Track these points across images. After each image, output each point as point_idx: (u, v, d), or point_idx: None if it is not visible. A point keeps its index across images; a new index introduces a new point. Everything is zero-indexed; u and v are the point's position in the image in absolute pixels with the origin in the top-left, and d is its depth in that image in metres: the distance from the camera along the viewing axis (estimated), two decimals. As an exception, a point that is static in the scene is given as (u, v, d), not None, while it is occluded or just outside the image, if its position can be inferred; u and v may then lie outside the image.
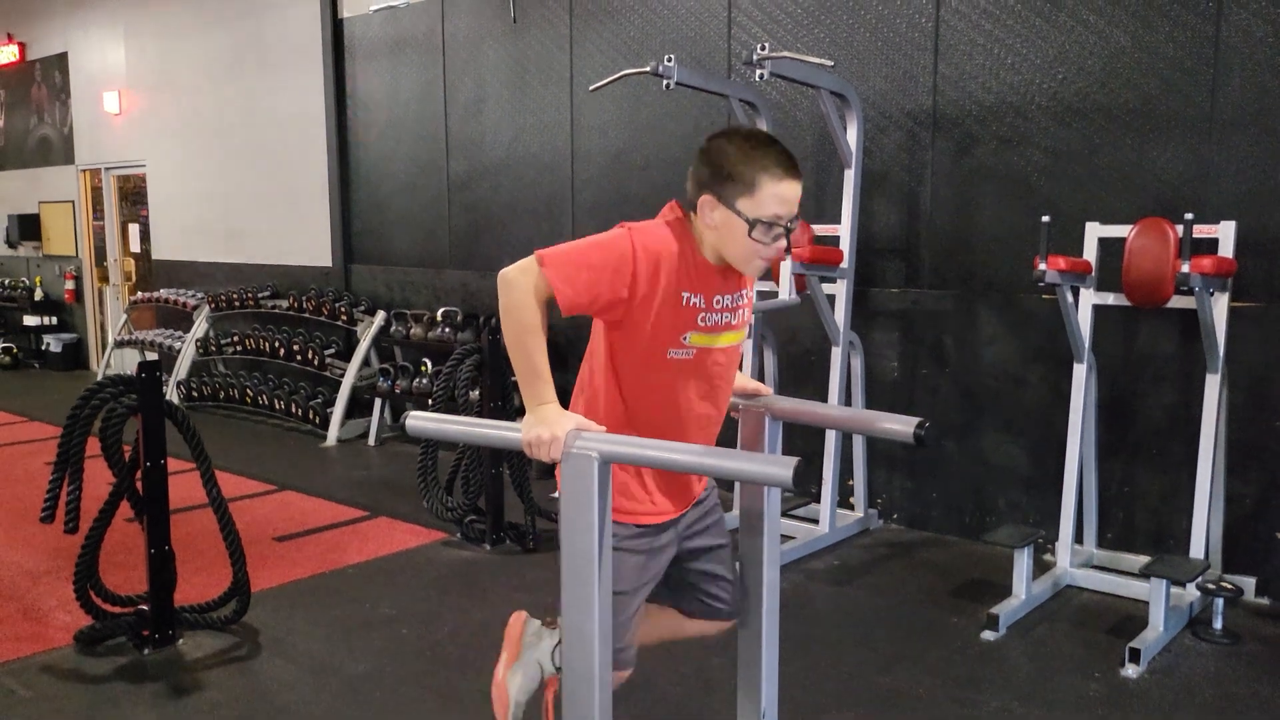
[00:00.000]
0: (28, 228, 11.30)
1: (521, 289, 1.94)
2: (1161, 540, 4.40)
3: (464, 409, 5.13)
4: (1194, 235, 3.81)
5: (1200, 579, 3.85)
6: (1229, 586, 3.83)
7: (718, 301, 2.08)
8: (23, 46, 11.12)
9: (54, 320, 11.11)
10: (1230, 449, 4.14)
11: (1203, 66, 4.18)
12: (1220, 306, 3.98)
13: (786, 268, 4.66)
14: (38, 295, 11.12)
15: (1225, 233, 3.97)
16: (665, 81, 4.41)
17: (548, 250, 1.96)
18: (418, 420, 2.07)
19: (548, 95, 6.52)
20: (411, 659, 3.64)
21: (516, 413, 5.17)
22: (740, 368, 2.30)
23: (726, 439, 2.18)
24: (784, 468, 1.65)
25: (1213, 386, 4.01)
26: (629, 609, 2.15)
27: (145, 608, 3.72)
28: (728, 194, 1.99)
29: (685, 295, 2.03)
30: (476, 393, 5.16)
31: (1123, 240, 4.04)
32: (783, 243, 2.04)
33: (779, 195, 1.99)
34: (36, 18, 10.85)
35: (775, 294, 4.89)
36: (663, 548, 2.23)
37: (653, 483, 2.17)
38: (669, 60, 4.38)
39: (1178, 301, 3.97)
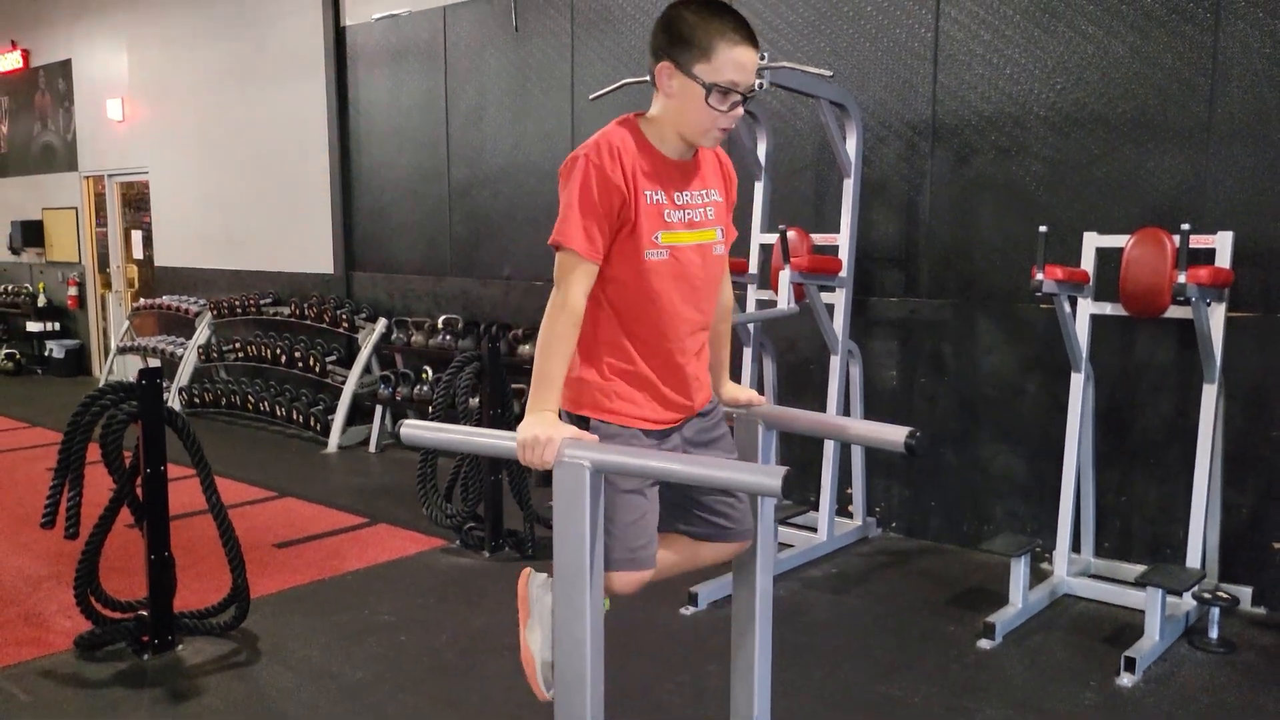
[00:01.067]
0: (31, 234, 11.34)
1: (556, 300, 2.04)
2: (1158, 549, 4.41)
3: (464, 416, 5.15)
4: (1191, 245, 3.82)
5: (1196, 588, 3.85)
6: (1225, 596, 3.84)
7: (679, 198, 2.12)
8: (26, 53, 11.17)
9: (57, 326, 11.14)
10: (1227, 459, 4.15)
11: (1200, 77, 4.19)
12: (1217, 317, 3.99)
13: (785, 277, 4.68)
14: (41, 301, 11.15)
15: (1222, 243, 3.98)
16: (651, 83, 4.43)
17: (555, 234, 2.05)
18: (412, 429, 2.08)
19: (549, 103, 6.55)
20: (410, 665, 3.65)
21: (516, 420, 5.17)
22: (738, 377, 2.32)
23: (720, 448, 2.19)
24: (774, 477, 1.67)
25: (1209, 396, 4.02)
26: (640, 507, 2.14)
27: (145, 613, 3.74)
28: (684, 60, 2.02)
29: (647, 193, 2.07)
30: (476, 400, 5.17)
31: (1120, 250, 4.06)
32: (739, 111, 2.07)
33: (735, 60, 2.01)
34: (40, 25, 10.90)
35: (774, 303, 4.91)
36: (670, 451, 2.22)
37: (651, 389, 2.17)
38: (668, 70, 4.39)
39: (1175, 311, 3.98)
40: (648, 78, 4.46)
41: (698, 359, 2.24)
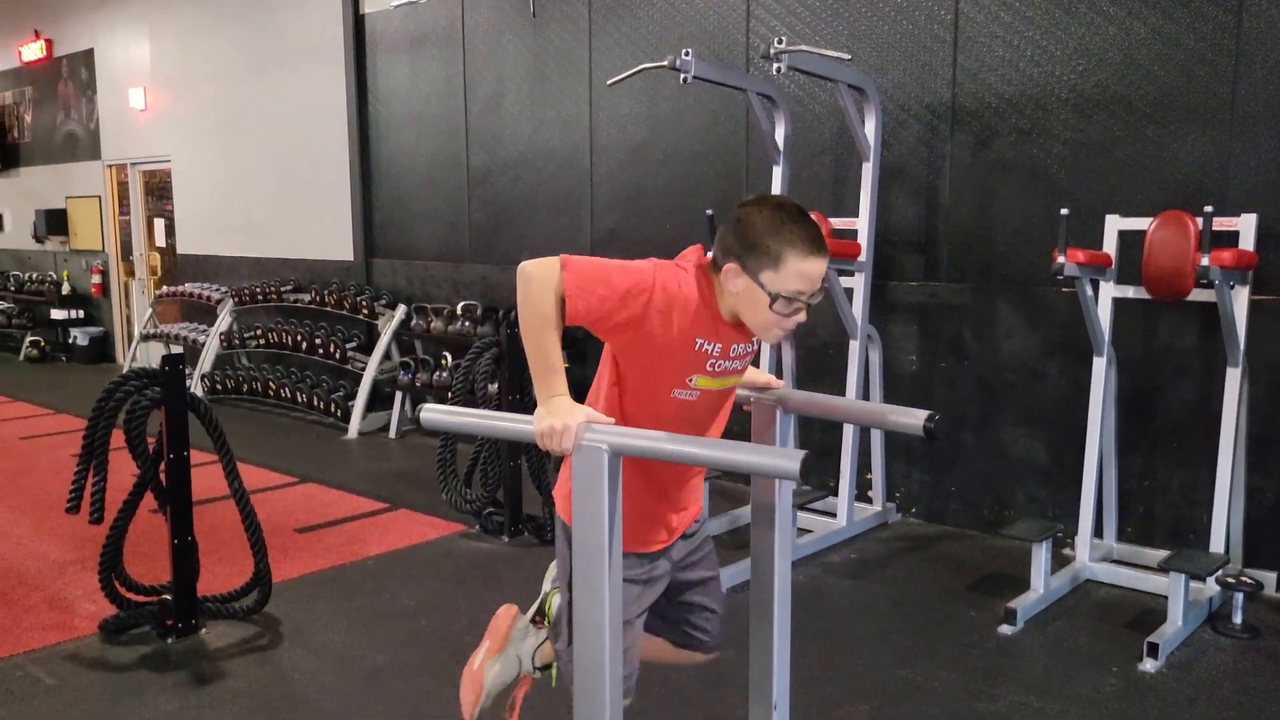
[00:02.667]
0: (55, 223, 11.44)
1: (541, 284, 1.95)
2: (1181, 534, 4.38)
3: (483, 402, 5.16)
4: (1214, 228, 3.78)
5: (1220, 573, 3.83)
6: (1249, 581, 3.80)
7: (734, 350, 2.10)
8: (50, 43, 11.25)
9: (81, 314, 11.24)
10: (1251, 443, 4.11)
11: (1224, 58, 4.14)
12: (1241, 299, 3.95)
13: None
14: (65, 289, 11.25)
15: (1246, 225, 3.94)
16: (683, 76, 4.41)
17: (572, 257, 1.98)
18: (432, 413, 2.09)
19: (567, 89, 6.53)
20: (430, 649, 3.68)
21: (535, 406, 5.18)
22: (757, 362, 2.31)
23: (740, 434, 2.19)
24: (792, 460, 1.66)
25: (1233, 380, 3.99)
26: (628, 637, 2.18)
27: (168, 597, 3.78)
28: (752, 265, 1.98)
29: (699, 341, 2.04)
30: (495, 386, 5.19)
31: (1142, 233, 4.02)
32: (802, 315, 2.05)
33: (803, 272, 1.98)
34: (63, 15, 10.97)
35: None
36: (659, 577, 2.28)
37: (643, 517, 2.19)
38: (686, 54, 4.38)
39: (1198, 294, 3.94)
40: (666, 63, 4.46)
41: (693, 486, 2.28)
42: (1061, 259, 3.84)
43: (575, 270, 1.95)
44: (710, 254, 2.11)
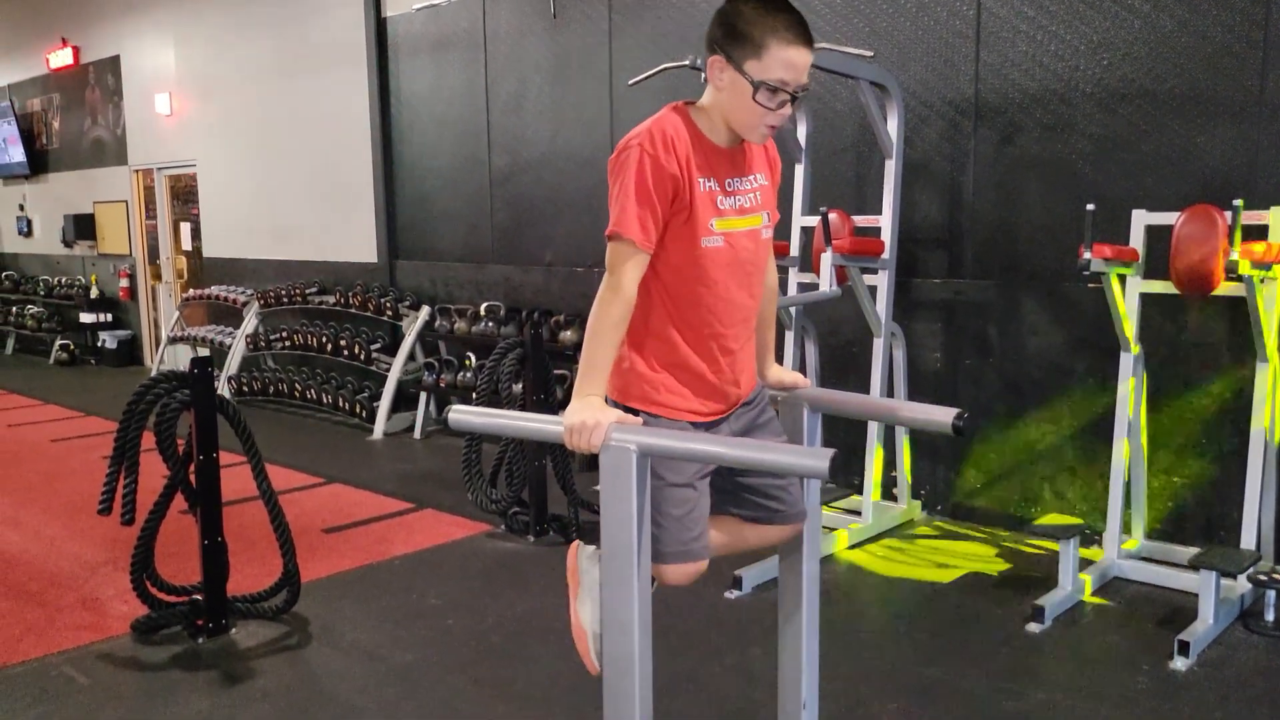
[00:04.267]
0: (83, 227, 11.57)
1: (614, 273, 2.03)
2: (1211, 531, 4.34)
3: (507, 402, 5.18)
4: (1243, 222, 3.74)
5: (1251, 570, 3.79)
6: (1281, 578, 3.77)
7: (730, 184, 2.12)
8: (77, 50, 11.37)
9: (109, 317, 11.36)
10: (1282, 439, 4.07)
11: (1251, 50, 4.10)
12: (1271, 294, 3.90)
13: (827, 260, 4.64)
14: (93, 293, 11.37)
15: (1276, 218, 3.89)
16: (703, 76, 4.41)
17: (612, 224, 2.04)
18: (460, 414, 2.10)
19: (588, 90, 6.55)
20: (457, 648, 3.70)
21: (559, 406, 5.21)
22: (780, 360, 2.31)
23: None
24: (821, 459, 1.67)
25: (1263, 375, 3.94)
26: (690, 500, 2.14)
27: (199, 597, 3.81)
28: (736, 55, 2.02)
29: (700, 180, 2.07)
30: (519, 386, 5.20)
31: (1170, 228, 3.98)
32: (787, 109, 2.06)
33: (786, 60, 2.00)
34: (90, 22, 11.08)
35: (816, 286, 4.88)
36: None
37: (699, 381, 2.18)
38: (708, 53, 4.37)
39: (1227, 289, 3.90)
40: (688, 62, 4.46)
41: (745, 347, 2.24)
42: (1087, 254, 3.81)
43: (616, 225, 2.02)
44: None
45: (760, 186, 2.19)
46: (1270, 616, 3.74)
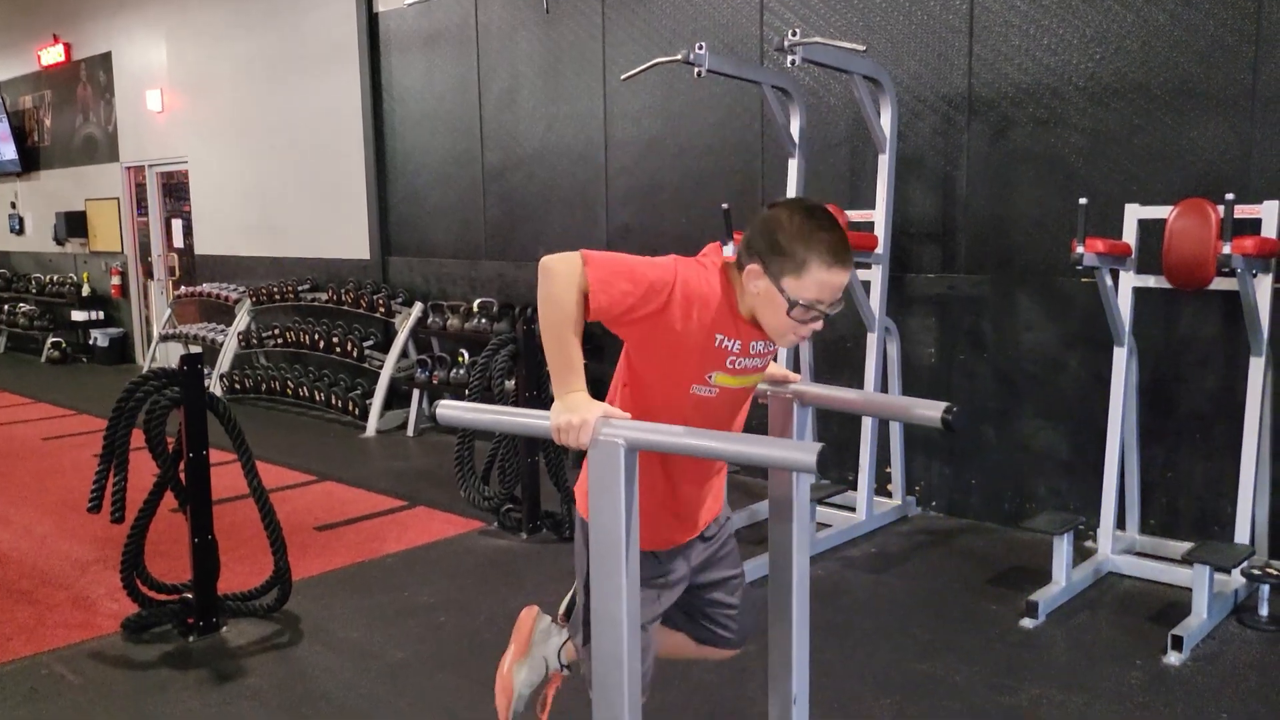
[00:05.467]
0: (75, 225, 11.53)
1: (563, 279, 1.94)
2: (1205, 526, 4.34)
3: (500, 399, 5.17)
4: (1236, 216, 3.73)
5: (1245, 565, 3.78)
6: (1275, 572, 3.76)
7: (754, 347, 2.08)
8: (69, 47, 11.33)
9: (101, 315, 11.33)
10: (1275, 433, 4.06)
11: (1244, 43, 4.09)
12: (1263, 288, 3.90)
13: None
14: (85, 291, 11.34)
15: (1268, 212, 3.89)
16: (696, 69, 4.40)
17: (594, 252, 1.97)
18: (448, 409, 2.09)
19: (581, 84, 6.53)
20: (449, 646, 3.68)
21: (552, 402, 5.18)
22: (774, 359, 2.29)
23: (759, 428, 2.17)
24: (808, 453, 1.65)
25: (1257, 369, 3.94)
26: (644, 640, 2.16)
27: (190, 596, 3.80)
28: (774, 268, 1.96)
29: (719, 338, 2.02)
30: (512, 382, 5.19)
31: (1163, 222, 3.97)
32: (818, 324, 2.03)
33: (825, 282, 1.96)
34: (81, 19, 11.04)
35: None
36: (676, 581, 2.27)
37: (661, 514, 2.18)
38: (700, 48, 4.36)
39: (1220, 283, 3.89)
40: (680, 57, 4.44)
41: (713, 484, 2.27)
42: (1080, 249, 3.80)
43: (598, 265, 1.93)
44: (729, 250, 2.10)
45: (771, 351, 2.16)
46: (1264, 611, 3.74)
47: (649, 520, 2.07)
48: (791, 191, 5.10)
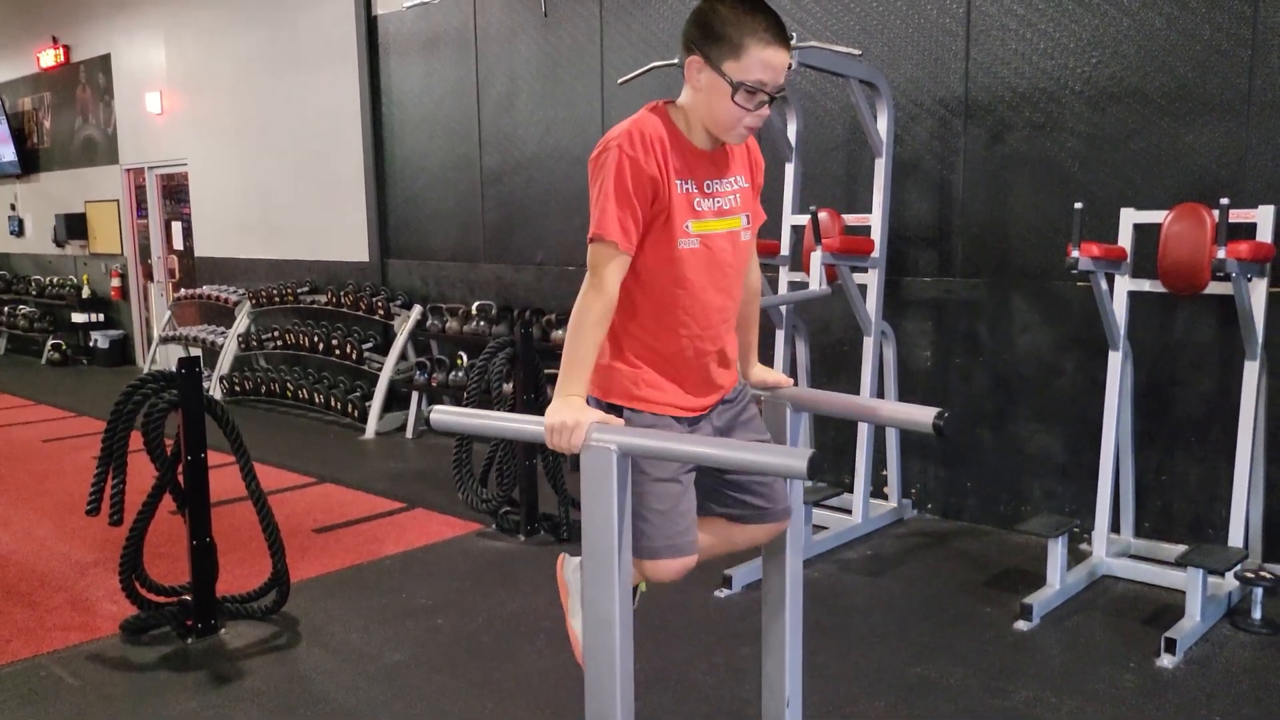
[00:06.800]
0: (75, 227, 11.54)
1: (595, 274, 2.02)
2: (1200, 529, 4.35)
3: (498, 402, 5.18)
4: (1231, 220, 3.75)
5: (1239, 568, 3.80)
6: (1268, 576, 3.77)
7: (708, 186, 2.12)
8: (67, 50, 11.34)
9: (101, 317, 11.34)
10: (1270, 436, 4.08)
11: (1240, 48, 4.11)
12: (1259, 292, 3.91)
13: (817, 258, 4.65)
14: (85, 293, 11.35)
15: (1264, 217, 3.91)
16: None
17: (594, 227, 2.03)
18: (442, 414, 2.10)
19: (579, 88, 6.55)
20: (447, 648, 3.70)
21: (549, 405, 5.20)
22: (771, 359, 2.31)
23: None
24: (799, 459, 1.67)
25: (1251, 373, 3.96)
26: (675, 495, 2.15)
27: (188, 598, 3.81)
28: (714, 55, 2.01)
29: (678, 182, 2.07)
30: (510, 386, 5.21)
31: (1158, 226, 3.99)
32: (765, 110, 2.06)
33: (764, 60, 1.99)
34: (80, 21, 11.06)
35: (806, 284, 4.88)
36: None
37: (679, 376, 2.18)
38: (697, 52, 4.38)
39: (1215, 288, 3.91)
40: (677, 61, 4.45)
41: (726, 345, 2.24)
42: (1076, 253, 3.82)
43: (597, 228, 2.01)
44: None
45: (740, 189, 2.19)
46: (1257, 614, 3.75)
47: (673, 384, 2.12)
48: (789, 198, 5.12)
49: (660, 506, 2.11)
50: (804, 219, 4.98)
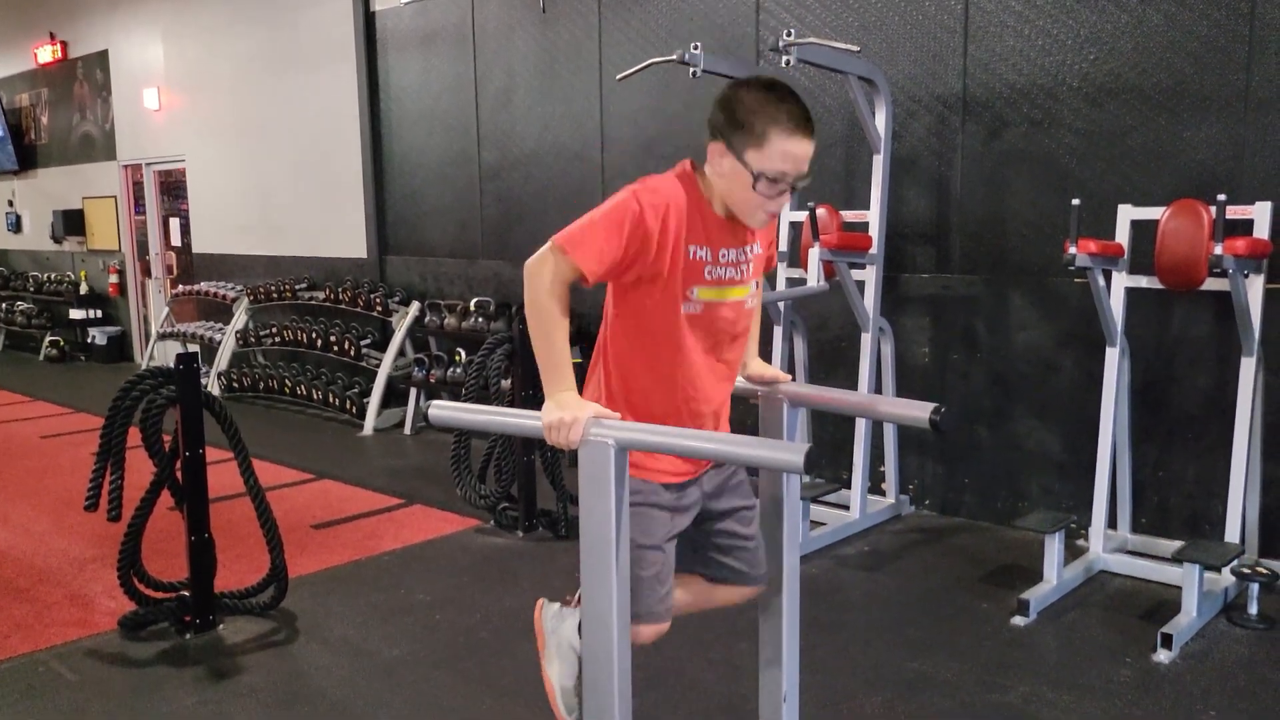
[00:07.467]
0: (72, 223, 11.53)
1: (545, 279, 1.98)
2: (1196, 525, 4.36)
3: (496, 398, 5.19)
4: (1228, 216, 3.76)
5: (1235, 564, 3.81)
6: (1264, 571, 3.78)
7: (724, 255, 2.09)
8: (65, 45, 11.33)
9: (99, 314, 11.33)
10: (1266, 432, 4.09)
11: (1237, 44, 4.11)
12: (1255, 288, 3.92)
13: (815, 255, 4.66)
14: (83, 289, 11.34)
15: (1260, 213, 3.92)
16: (692, 69, 4.42)
17: (562, 234, 2.01)
18: (440, 410, 2.11)
19: (577, 85, 6.54)
20: (445, 644, 3.70)
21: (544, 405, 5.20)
22: (769, 355, 2.32)
23: (750, 427, 2.19)
24: (796, 454, 1.67)
25: (1248, 369, 3.96)
26: (658, 562, 2.17)
27: (186, 593, 3.82)
28: (737, 143, 2.00)
29: (692, 249, 2.05)
30: (508, 382, 5.21)
31: (1155, 222, 4.00)
32: (786, 198, 2.05)
33: (787, 151, 1.98)
34: (78, 17, 11.04)
35: (804, 281, 4.89)
36: (689, 505, 2.24)
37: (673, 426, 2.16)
38: (695, 48, 4.38)
39: (1212, 284, 3.92)
40: (675, 57, 4.46)
41: (720, 410, 2.26)
42: (1073, 249, 3.82)
43: (571, 243, 1.98)
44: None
45: (755, 256, 2.18)
46: (1253, 610, 3.76)
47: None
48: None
49: (644, 573, 2.14)
50: (802, 215, 4.98)
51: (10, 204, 12.80)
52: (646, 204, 1.99)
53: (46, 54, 11.53)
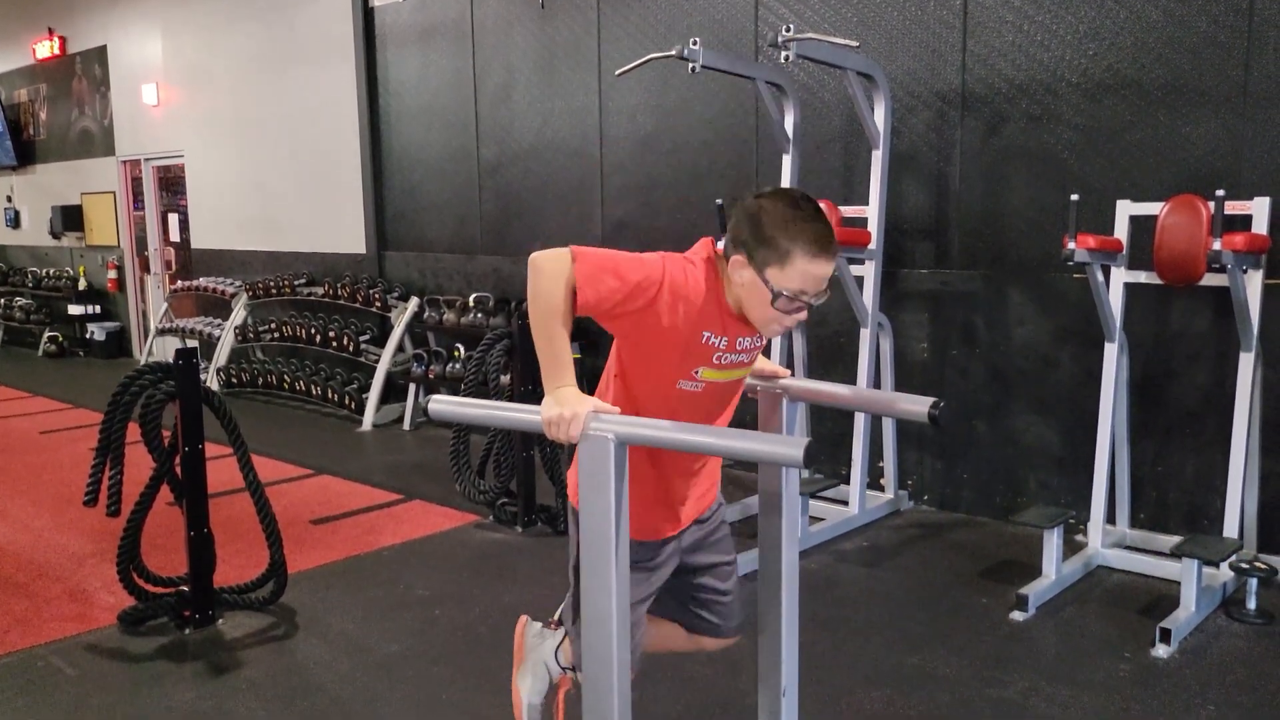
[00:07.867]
0: (71, 219, 11.52)
1: (551, 276, 1.97)
2: (1195, 520, 4.37)
3: (495, 393, 5.19)
4: (1227, 212, 3.76)
5: (1233, 558, 3.82)
6: (1263, 566, 3.79)
7: (740, 343, 2.09)
8: (63, 40, 11.31)
9: (97, 309, 11.33)
10: (1265, 427, 4.09)
11: (1236, 40, 4.11)
12: (1254, 284, 3.92)
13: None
14: (81, 285, 11.34)
15: (1259, 209, 3.92)
16: (691, 65, 4.42)
17: (583, 248, 1.98)
18: (439, 404, 2.11)
19: (576, 80, 6.54)
20: (444, 639, 3.71)
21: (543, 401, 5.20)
22: (769, 351, 2.33)
23: (751, 423, 2.19)
24: (795, 448, 1.67)
25: (1246, 365, 3.97)
26: (640, 616, 2.22)
27: (186, 589, 3.82)
28: (759, 259, 1.97)
29: (706, 335, 2.04)
30: (507, 377, 5.21)
31: (1154, 218, 4.00)
32: (803, 314, 2.03)
33: (808, 273, 1.96)
34: (77, 12, 11.03)
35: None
36: (663, 562, 2.28)
37: (651, 504, 2.20)
38: (694, 44, 4.38)
39: (1210, 279, 3.92)
40: (674, 53, 4.45)
41: (704, 474, 2.28)
42: (1072, 245, 3.82)
43: (586, 261, 1.96)
44: (720, 245, 2.11)
45: (759, 346, 2.18)
46: (1252, 604, 3.77)
47: (639, 511, 2.09)
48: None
49: None
50: (801, 211, 4.97)
51: (9, 199, 12.79)
52: (669, 280, 1.98)
53: (45, 49, 11.51)
